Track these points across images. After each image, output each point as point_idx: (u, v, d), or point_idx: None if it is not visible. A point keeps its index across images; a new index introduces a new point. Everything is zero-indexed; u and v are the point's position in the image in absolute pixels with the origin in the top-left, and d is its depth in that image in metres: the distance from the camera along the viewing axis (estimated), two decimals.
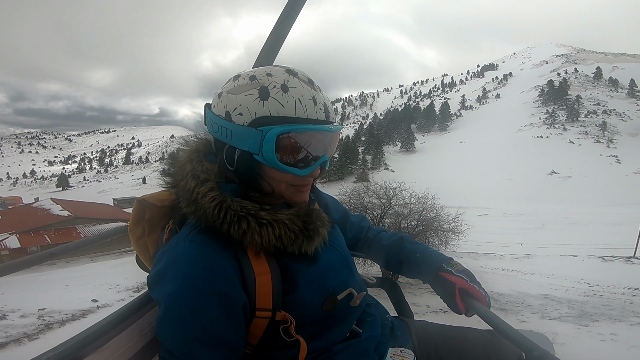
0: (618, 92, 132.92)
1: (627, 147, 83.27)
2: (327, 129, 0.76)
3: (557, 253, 19.87)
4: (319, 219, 0.83)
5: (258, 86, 0.73)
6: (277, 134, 0.70)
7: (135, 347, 0.85)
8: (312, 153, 0.76)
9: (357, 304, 0.87)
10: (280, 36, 1.41)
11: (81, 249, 1.25)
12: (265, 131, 0.70)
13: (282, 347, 0.80)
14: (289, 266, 0.78)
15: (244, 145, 0.73)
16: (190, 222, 0.76)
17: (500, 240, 23.85)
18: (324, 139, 0.77)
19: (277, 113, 0.71)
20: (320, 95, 0.77)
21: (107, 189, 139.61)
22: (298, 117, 0.72)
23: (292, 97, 0.72)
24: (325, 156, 0.78)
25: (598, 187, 59.15)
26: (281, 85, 0.72)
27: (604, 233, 26.08)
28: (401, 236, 1.15)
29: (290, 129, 0.71)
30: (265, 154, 0.72)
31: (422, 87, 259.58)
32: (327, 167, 0.83)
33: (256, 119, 0.72)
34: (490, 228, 29.96)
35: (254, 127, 0.71)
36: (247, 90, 0.73)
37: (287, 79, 0.74)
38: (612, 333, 5.73)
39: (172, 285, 0.70)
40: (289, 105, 0.71)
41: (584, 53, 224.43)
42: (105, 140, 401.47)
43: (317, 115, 0.74)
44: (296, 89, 0.73)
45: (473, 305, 0.91)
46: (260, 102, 0.72)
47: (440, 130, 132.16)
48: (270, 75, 0.74)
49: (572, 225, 32.42)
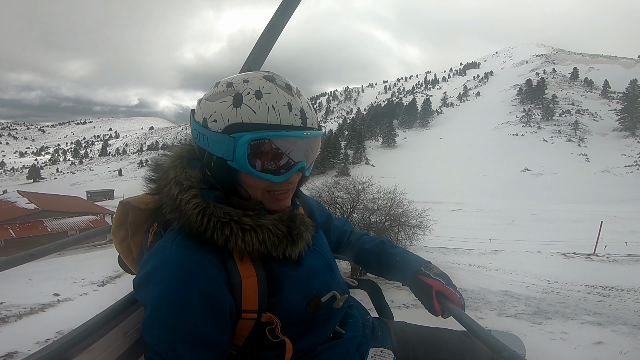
0: (592, 93, 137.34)
1: (597, 146, 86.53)
2: (302, 135, 0.74)
3: (524, 249, 20.46)
4: (303, 223, 0.84)
5: (233, 93, 0.73)
6: (248, 140, 0.70)
7: (121, 349, 0.85)
8: (287, 159, 0.75)
9: (340, 306, 0.89)
10: (269, 41, 1.41)
11: (60, 250, 1.20)
12: (237, 138, 0.71)
13: (267, 348, 0.81)
14: (274, 269, 0.79)
15: (219, 152, 0.74)
16: (176, 227, 0.76)
17: (472, 236, 24.36)
18: (299, 145, 0.76)
19: (249, 120, 0.71)
20: (298, 101, 0.76)
21: (81, 181, 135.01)
22: (270, 123, 0.71)
23: (265, 104, 0.72)
24: (301, 162, 0.77)
25: (567, 185, 61.30)
26: (255, 91, 0.72)
27: (568, 230, 27.05)
28: (382, 240, 1.19)
29: (261, 136, 0.71)
30: (238, 160, 0.72)
31: (405, 83, 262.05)
32: (308, 173, 0.82)
33: (229, 126, 0.72)
34: (462, 223, 30.57)
35: (227, 134, 0.72)
36: (222, 98, 0.74)
37: (263, 85, 0.73)
38: (562, 331, 5.79)
39: (158, 288, 0.70)
40: (261, 112, 0.71)
41: (562, 53, 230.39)
42: (81, 131, 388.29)
43: (292, 121, 0.73)
44: (270, 95, 0.73)
45: (448, 307, 0.95)
46: (233, 108, 0.72)
47: (421, 127, 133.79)
48: (246, 81, 0.74)
49: (540, 221, 33.49)
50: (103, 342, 0.80)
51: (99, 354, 0.78)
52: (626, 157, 74.95)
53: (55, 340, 0.73)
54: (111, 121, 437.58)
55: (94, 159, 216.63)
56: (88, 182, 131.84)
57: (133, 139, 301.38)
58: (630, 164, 70.99)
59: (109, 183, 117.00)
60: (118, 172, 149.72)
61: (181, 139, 0.96)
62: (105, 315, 0.85)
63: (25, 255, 1.08)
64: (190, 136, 0.85)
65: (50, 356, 0.69)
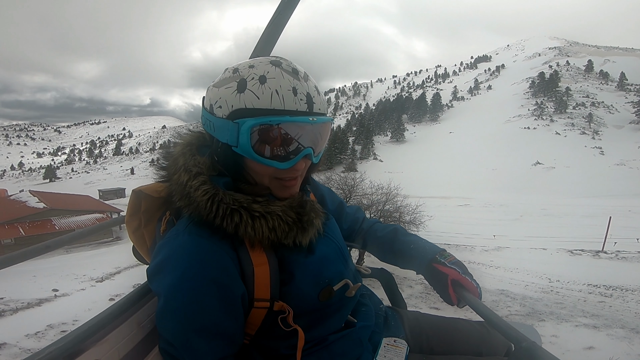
0: (608, 85, 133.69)
1: (612, 139, 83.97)
2: (306, 121, 0.73)
3: (528, 246, 19.87)
4: (313, 210, 0.83)
5: (238, 78, 0.72)
6: (250, 126, 0.70)
7: (135, 339, 0.85)
8: (292, 145, 0.74)
9: (353, 295, 0.88)
10: (277, 28, 1.41)
11: (76, 241, 1.20)
12: (240, 123, 0.70)
13: (279, 337, 0.81)
14: (286, 257, 0.78)
15: (224, 138, 0.73)
16: (186, 215, 0.76)
17: (477, 232, 23.91)
18: (305, 130, 0.74)
19: (252, 105, 0.70)
20: (304, 85, 0.74)
21: (94, 180, 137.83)
22: (274, 108, 0.70)
23: (268, 88, 0.70)
24: (307, 149, 0.75)
25: (580, 179, 59.68)
26: (259, 76, 0.71)
27: (578, 225, 26.27)
28: (395, 227, 1.17)
29: (263, 121, 0.70)
30: (241, 146, 0.71)
31: (415, 78, 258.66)
32: (317, 160, 0.81)
33: (233, 112, 0.72)
34: (468, 219, 30.08)
35: (231, 119, 0.72)
36: (227, 84, 0.73)
37: (268, 70, 0.72)
38: (553, 335, 5.58)
39: (171, 277, 0.70)
40: (264, 97, 0.70)
41: (576, 46, 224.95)
42: (95, 131, 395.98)
43: (297, 106, 0.72)
44: (275, 79, 0.71)
45: (464, 296, 0.92)
46: (237, 94, 0.71)
47: (431, 121, 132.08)
48: (252, 67, 0.73)
49: (549, 217, 32.60)
50: (117, 333, 0.80)
51: (113, 345, 0.79)
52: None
53: (70, 332, 0.73)
54: (124, 121, 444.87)
55: (108, 158, 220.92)
56: (101, 181, 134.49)
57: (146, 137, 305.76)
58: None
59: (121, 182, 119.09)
60: (130, 170, 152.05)
61: (191, 127, 0.96)
62: (120, 306, 0.85)
63: (41, 246, 1.09)
64: (200, 124, 0.85)
65: (65, 348, 0.70)
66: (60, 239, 1.17)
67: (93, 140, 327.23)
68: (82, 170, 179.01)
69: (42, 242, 1.12)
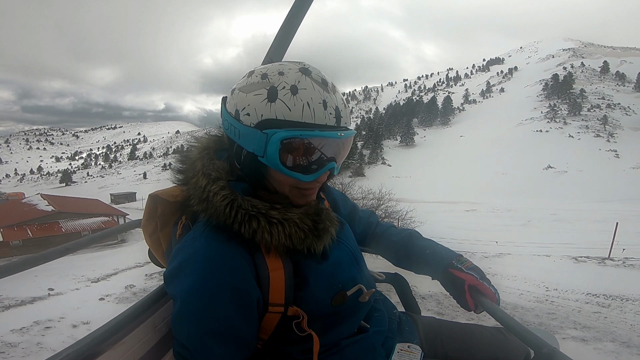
0: (625, 87, 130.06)
1: (628, 141, 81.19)
2: (335, 136, 0.72)
3: (532, 252, 19.25)
4: (328, 218, 0.83)
5: (268, 86, 0.71)
6: (281, 138, 0.69)
7: (150, 342, 0.86)
8: (318, 159, 0.74)
9: (366, 300, 0.87)
10: (289, 32, 1.43)
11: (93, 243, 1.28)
12: (270, 134, 0.69)
13: (292, 342, 0.81)
14: (301, 262, 0.79)
15: (250, 147, 0.72)
16: (204, 219, 0.76)
17: (482, 238, 23.34)
18: (331, 145, 0.74)
19: (284, 117, 0.69)
20: (333, 98, 0.73)
21: (108, 185, 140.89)
22: (305, 122, 0.69)
23: (300, 100, 0.69)
24: (332, 163, 0.75)
25: (593, 183, 57.76)
26: (291, 86, 0.70)
27: (588, 231, 25.29)
28: (410, 232, 1.16)
29: (295, 135, 0.69)
30: (269, 157, 0.70)
31: (426, 81, 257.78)
32: (336, 172, 0.80)
33: (262, 121, 0.70)
34: (474, 224, 29.43)
35: (260, 129, 0.70)
36: (256, 90, 0.71)
37: (299, 80, 0.71)
38: None
39: (187, 281, 0.70)
40: (296, 109, 0.69)
41: (591, 47, 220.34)
42: (111, 136, 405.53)
43: (326, 120, 0.71)
44: (306, 90, 0.70)
45: (482, 302, 0.91)
46: (267, 103, 0.70)
47: (442, 125, 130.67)
48: (282, 74, 0.72)
49: (558, 222, 31.62)
50: (133, 336, 0.81)
51: (129, 348, 0.79)
52: None
53: (86, 335, 0.74)
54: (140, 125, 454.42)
55: (123, 162, 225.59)
56: (115, 185, 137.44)
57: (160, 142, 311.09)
58: None
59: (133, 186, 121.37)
60: (143, 175, 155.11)
61: (209, 129, 0.95)
62: (135, 310, 0.86)
63: (61, 249, 1.11)
64: (216, 127, 0.86)
65: (82, 351, 0.70)
66: (79, 241, 1.20)
67: (109, 145, 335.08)
68: (97, 174, 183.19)
69: (62, 245, 1.14)
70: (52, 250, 1.10)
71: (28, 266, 0.99)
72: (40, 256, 1.06)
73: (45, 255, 1.08)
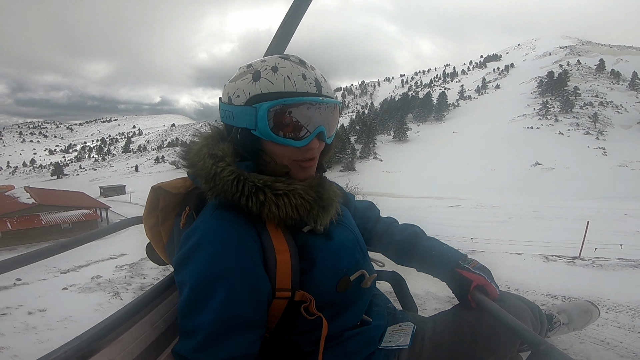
0: (619, 85, 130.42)
1: (617, 139, 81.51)
2: (318, 100, 0.77)
3: (505, 250, 19.21)
4: (332, 189, 0.85)
5: (252, 71, 0.79)
6: (267, 107, 0.74)
7: (148, 340, 0.86)
8: (306, 124, 0.78)
9: (368, 286, 0.89)
10: (289, 30, 1.45)
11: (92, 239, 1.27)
12: (257, 107, 0.75)
13: (300, 332, 0.82)
14: (306, 243, 0.80)
15: (243, 123, 0.78)
16: (211, 203, 0.79)
17: (458, 234, 23.17)
18: (316, 110, 0.78)
19: (268, 90, 0.76)
20: (312, 72, 0.80)
21: (99, 178, 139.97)
22: (287, 91, 0.75)
23: (281, 75, 0.76)
24: (320, 127, 0.79)
25: (579, 180, 57.89)
26: (272, 66, 0.77)
27: (568, 229, 25.22)
28: (414, 231, 1.15)
29: (278, 102, 0.74)
30: (260, 128, 0.76)
31: (423, 76, 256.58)
32: (330, 140, 0.84)
33: (250, 98, 0.77)
34: (455, 220, 29.31)
35: (249, 105, 0.77)
36: (243, 76, 0.79)
37: (279, 62, 0.78)
38: None
39: (200, 263, 0.71)
40: (277, 82, 0.76)
41: (589, 45, 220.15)
42: (106, 129, 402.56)
43: (307, 88, 0.77)
44: (285, 68, 0.77)
45: (480, 299, 0.93)
46: (253, 82, 0.77)
47: (436, 120, 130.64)
48: (264, 61, 0.80)
49: (538, 219, 31.55)
50: (131, 334, 0.81)
51: (127, 345, 0.79)
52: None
53: (83, 332, 0.73)
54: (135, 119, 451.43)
55: (117, 155, 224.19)
56: (106, 178, 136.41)
57: (155, 135, 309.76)
58: None
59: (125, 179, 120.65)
60: (135, 168, 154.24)
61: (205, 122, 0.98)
62: (133, 307, 0.86)
63: (58, 245, 1.10)
64: (213, 121, 0.90)
65: (80, 347, 0.70)
66: (77, 238, 1.19)
67: (104, 138, 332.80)
68: (89, 167, 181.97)
69: (58, 241, 1.14)
70: (49, 246, 1.08)
71: (25, 263, 0.98)
72: (37, 253, 1.05)
73: (42, 251, 1.07)
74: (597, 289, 6.23)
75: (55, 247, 1.09)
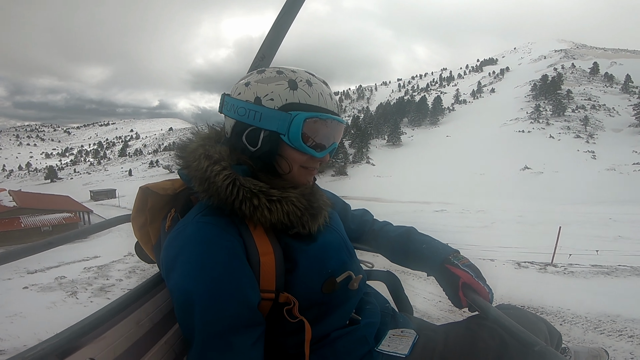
0: (613, 88, 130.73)
1: (607, 142, 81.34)
2: (340, 120, 0.87)
3: (479, 256, 18.95)
4: (322, 198, 0.91)
5: (287, 79, 0.82)
6: (304, 118, 0.79)
7: (132, 338, 0.84)
8: (326, 139, 0.85)
9: (356, 288, 0.88)
10: (280, 32, 1.45)
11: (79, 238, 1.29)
12: (294, 115, 0.79)
13: (285, 334, 0.82)
14: (289, 245, 0.81)
15: (273, 126, 0.80)
16: (196, 206, 0.81)
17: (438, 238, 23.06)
18: (336, 128, 0.87)
19: (305, 101, 0.81)
20: (333, 94, 0.88)
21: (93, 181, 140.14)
22: (320, 106, 0.83)
23: (315, 91, 0.83)
24: (335, 143, 0.88)
25: (567, 184, 57.71)
26: (306, 80, 0.83)
27: (547, 233, 24.98)
28: (408, 229, 1.17)
29: (315, 115, 0.80)
30: (291, 135, 0.80)
31: (420, 81, 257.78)
32: (332, 155, 0.91)
33: (286, 104, 0.80)
34: (438, 225, 28.99)
35: (284, 110, 0.80)
36: (277, 81, 0.82)
37: (310, 77, 0.84)
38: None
39: (185, 270, 0.71)
40: (314, 96, 0.82)
41: (583, 48, 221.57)
42: (104, 132, 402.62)
43: (333, 108, 0.86)
44: (317, 85, 0.84)
45: (474, 299, 0.92)
46: (290, 90, 0.81)
47: (430, 125, 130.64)
48: (294, 72, 0.84)
49: (521, 224, 31.30)
50: (115, 331, 0.80)
51: (110, 343, 0.78)
52: (637, 154, 69.39)
53: (64, 329, 0.72)
54: (133, 122, 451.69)
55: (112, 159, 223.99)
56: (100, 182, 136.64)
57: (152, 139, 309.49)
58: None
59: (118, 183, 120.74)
60: (128, 172, 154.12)
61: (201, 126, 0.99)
62: (118, 304, 0.85)
63: (44, 243, 1.09)
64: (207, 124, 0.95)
65: (59, 344, 0.68)
66: (64, 235, 1.18)
67: (101, 141, 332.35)
68: (84, 171, 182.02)
69: (45, 239, 1.13)
70: (36, 243, 1.07)
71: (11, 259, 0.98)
72: (23, 249, 1.04)
73: (29, 248, 1.06)
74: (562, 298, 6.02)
75: (42, 244, 1.08)
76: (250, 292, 0.74)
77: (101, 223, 1.37)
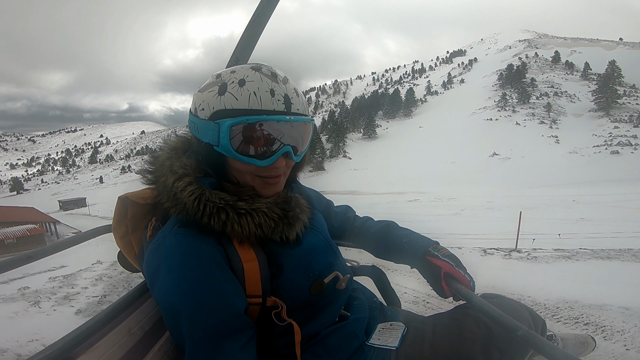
0: (573, 75, 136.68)
1: (569, 127, 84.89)
2: (283, 119, 0.75)
3: (448, 245, 19.48)
4: (298, 205, 0.85)
5: (220, 83, 0.75)
6: (229, 125, 0.72)
7: (125, 347, 0.84)
8: (271, 143, 0.76)
9: (343, 287, 0.89)
10: (255, 32, 1.46)
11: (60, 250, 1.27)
12: (220, 123, 0.73)
13: (275, 335, 0.81)
14: (274, 250, 0.79)
15: (206, 138, 0.76)
16: (173, 217, 0.78)
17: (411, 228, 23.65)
18: (282, 129, 0.76)
19: (232, 106, 0.73)
20: (282, 87, 0.76)
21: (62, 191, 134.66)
22: (251, 108, 0.73)
23: (247, 90, 0.73)
24: (286, 147, 0.77)
25: (533, 168, 59.85)
26: (239, 80, 0.74)
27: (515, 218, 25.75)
28: (388, 223, 1.17)
29: (241, 120, 0.72)
30: (222, 145, 0.74)
31: (393, 74, 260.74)
32: (298, 159, 0.82)
33: (214, 113, 0.74)
34: (412, 215, 29.50)
35: (212, 120, 0.74)
36: (210, 88, 0.76)
37: (248, 74, 0.75)
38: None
39: (167, 283, 0.70)
40: (242, 98, 0.73)
41: (545, 38, 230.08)
42: (72, 139, 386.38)
43: (274, 106, 0.74)
44: (254, 82, 0.74)
45: (458, 289, 0.93)
46: (218, 96, 0.74)
47: (404, 116, 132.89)
48: (233, 72, 0.76)
49: (489, 210, 32.25)
50: (107, 341, 0.79)
51: (103, 353, 0.77)
52: (597, 137, 72.95)
53: (57, 340, 0.72)
54: (102, 127, 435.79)
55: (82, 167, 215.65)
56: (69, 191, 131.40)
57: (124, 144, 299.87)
58: (599, 143, 68.73)
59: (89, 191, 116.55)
60: (99, 179, 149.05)
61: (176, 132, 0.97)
62: (108, 313, 0.84)
63: (23, 256, 1.08)
64: (183, 127, 0.91)
65: (53, 356, 0.68)
66: (44, 248, 1.17)
67: (69, 149, 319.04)
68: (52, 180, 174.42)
69: (24, 252, 1.12)
70: (15, 257, 1.06)
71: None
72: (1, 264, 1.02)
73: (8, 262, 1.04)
74: (523, 284, 6.39)
75: (21, 258, 1.06)
76: (234, 299, 0.72)
77: (81, 234, 1.40)
